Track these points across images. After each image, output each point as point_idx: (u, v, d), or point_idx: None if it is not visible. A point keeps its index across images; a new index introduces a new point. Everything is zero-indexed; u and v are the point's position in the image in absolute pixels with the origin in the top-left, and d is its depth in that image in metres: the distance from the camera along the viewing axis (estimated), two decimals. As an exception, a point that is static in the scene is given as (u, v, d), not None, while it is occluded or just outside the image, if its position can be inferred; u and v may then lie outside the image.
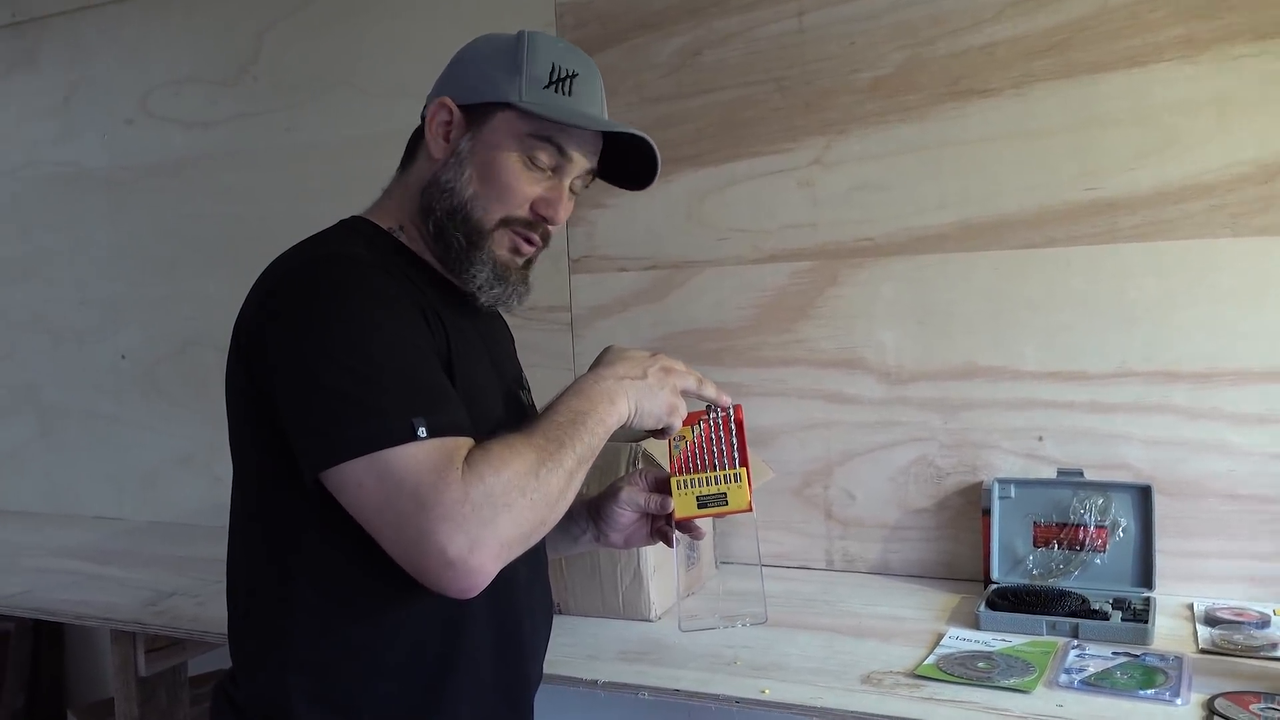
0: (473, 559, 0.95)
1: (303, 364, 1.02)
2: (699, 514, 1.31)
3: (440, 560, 0.95)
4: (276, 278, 1.10)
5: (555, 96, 1.15)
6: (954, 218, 1.77)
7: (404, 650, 1.09)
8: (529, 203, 1.16)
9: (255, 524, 1.13)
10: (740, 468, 1.31)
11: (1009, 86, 1.72)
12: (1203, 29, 1.60)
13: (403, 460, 0.96)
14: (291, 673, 1.08)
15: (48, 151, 2.71)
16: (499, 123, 1.15)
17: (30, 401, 2.79)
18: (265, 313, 1.07)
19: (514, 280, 1.19)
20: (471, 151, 1.16)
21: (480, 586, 0.98)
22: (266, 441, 1.07)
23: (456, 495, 0.95)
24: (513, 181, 1.15)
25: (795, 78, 1.87)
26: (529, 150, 1.15)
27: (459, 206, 1.15)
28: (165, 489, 2.60)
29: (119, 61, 2.59)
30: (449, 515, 0.95)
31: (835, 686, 1.34)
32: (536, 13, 2.07)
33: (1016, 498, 1.71)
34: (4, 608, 1.98)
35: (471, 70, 1.19)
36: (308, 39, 2.35)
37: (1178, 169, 1.62)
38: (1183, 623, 1.53)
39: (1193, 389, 1.63)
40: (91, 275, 2.67)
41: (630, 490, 1.34)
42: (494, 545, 0.96)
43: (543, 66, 1.15)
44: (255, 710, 1.11)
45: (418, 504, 0.95)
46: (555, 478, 1.03)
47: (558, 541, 1.42)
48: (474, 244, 1.16)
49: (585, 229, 2.06)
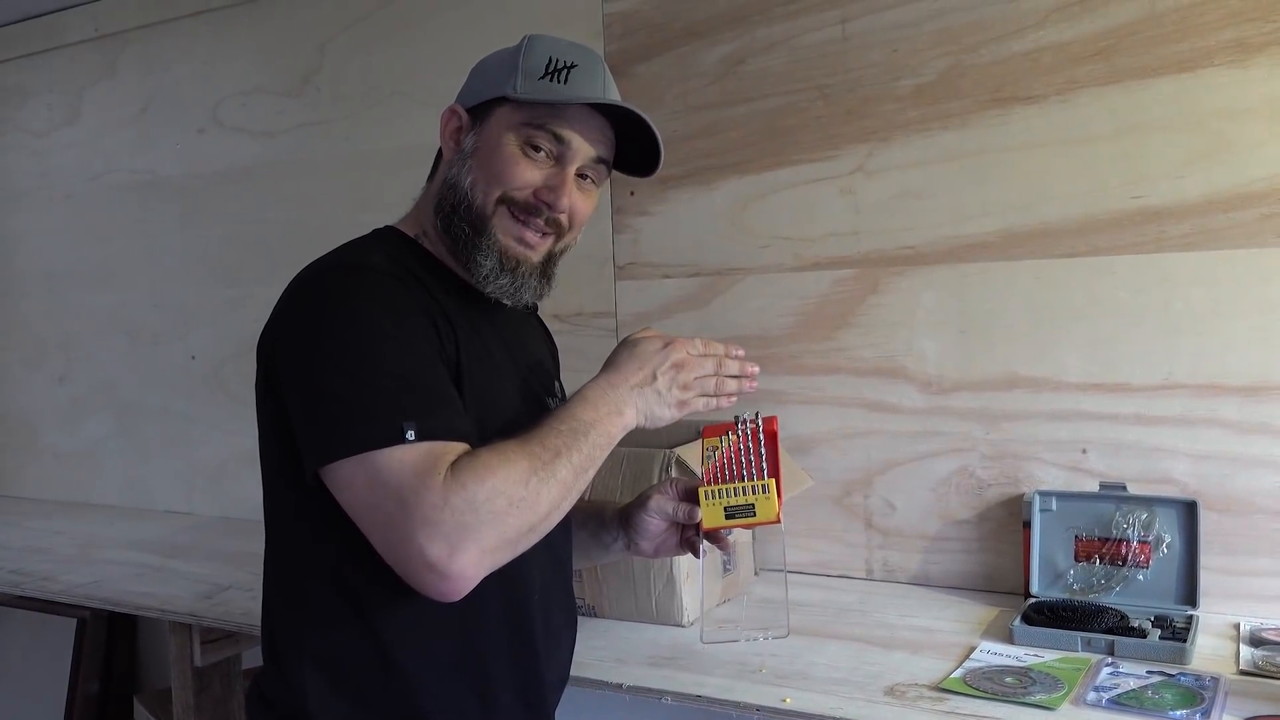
0: (453, 564, 0.97)
1: (307, 367, 1.06)
2: (726, 525, 1.32)
3: (421, 563, 0.98)
4: (292, 288, 1.14)
5: (550, 85, 1.17)
6: (996, 226, 1.75)
7: (414, 648, 1.12)
8: (530, 188, 1.18)
9: (276, 523, 1.19)
10: (769, 479, 1.31)
11: (1053, 93, 1.69)
12: (1254, 33, 1.56)
13: (389, 462, 1.00)
14: (309, 667, 1.12)
15: (125, 160, 2.83)
16: (498, 116, 1.19)
17: (109, 400, 2.92)
18: (279, 321, 1.12)
19: (524, 272, 1.20)
20: (474, 147, 1.20)
21: (462, 591, 1.00)
22: (282, 444, 1.12)
23: (435, 500, 0.98)
24: (509, 165, 1.17)
25: (838, 85, 1.86)
26: (526, 138, 1.17)
27: (461, 197, 1.19)
28: (231, 485, 2.69)
29: (192, 73, 2.70)
30: (428, 520, 0.97)
31: (857, 697, 1.34)
32: (584, 23, 2.10)
33: (1058, 511, 1.68)
34: (74, 597, 2.08)
35: (477, 77, 1.25)
36: (366, 51, 2.42)
37: (1227, 176, 1.58)
38: (1226, 643, 1.49)
39: (1241, 402, 1.59)
40: (164, 279, 2.78)
41: (659, 498, 1.36)
42: (474, 551, 0.98)
43: (539, 60, 1.18)
44: (280, 702, 1.16)
45: (400, 506, 0.98)
46: (547, 488, 1.04)
47: (590, 549, 1.44)
48: (478, 230, 1.18)
49: (630, 236, 2.09)
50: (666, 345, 1.20)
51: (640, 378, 1.17)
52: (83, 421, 2.98)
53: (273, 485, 1.17)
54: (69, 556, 2.35)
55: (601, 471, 1.63)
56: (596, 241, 2.08)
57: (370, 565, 1.07)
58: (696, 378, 1.21)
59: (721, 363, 1.24)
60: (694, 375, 1.21)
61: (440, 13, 2.31)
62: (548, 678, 1.26)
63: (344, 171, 2.46)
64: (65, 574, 2.18)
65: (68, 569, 2.22)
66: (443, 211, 1.20)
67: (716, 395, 1.24)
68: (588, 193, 1.23)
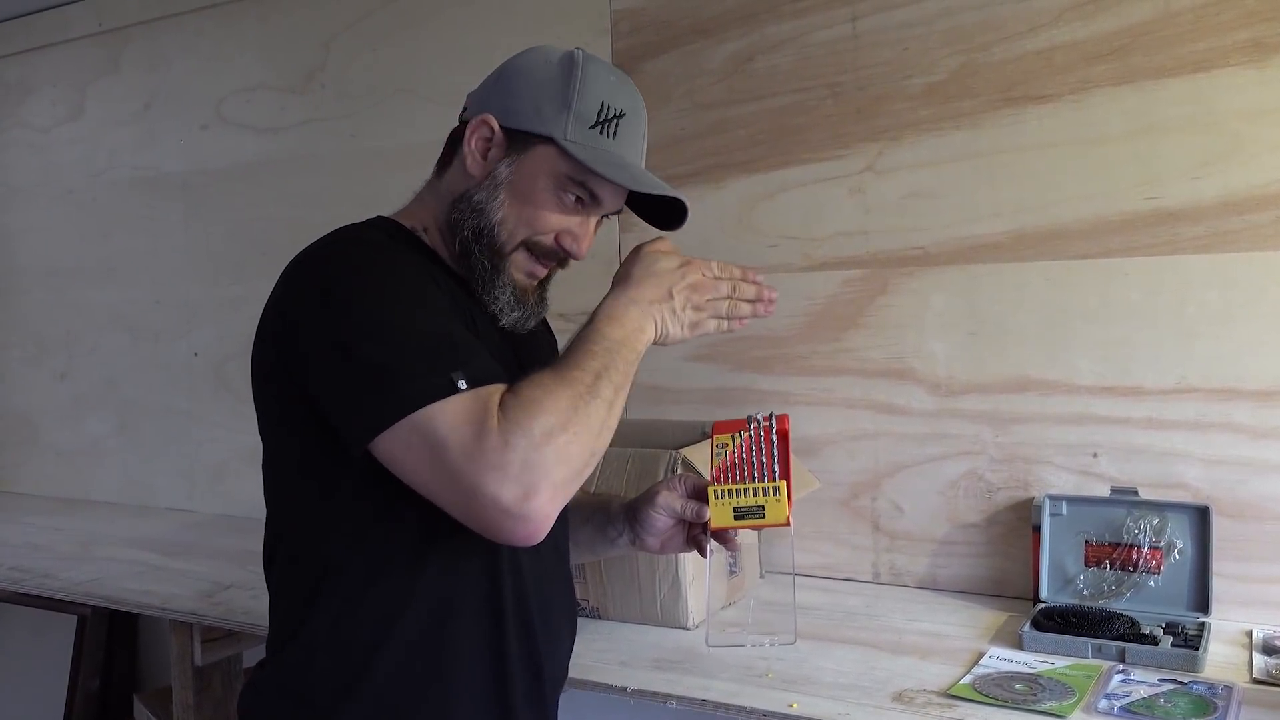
0: (529, 505, 0.97)
1: (333, 342, 1.04)
2: (735, 525, 1.31)
3: (497, 511, 0.97)
4: (299, 264, 1.13)
5: (599, 138, 1.15)
6: (1008, 227, 1.73)
7: (414, 633, 1.11)
8: (554, 233, 1.18)
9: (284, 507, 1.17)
10: (780, 481, 1.29)
11: (1067, 93, 1.67)
12: (1271, 33, 1.54)
13: (443, 416, 0.98)
14: (314, 651, 1.11)
15: (128, 156, 2.82)
16: (539, 156, 1.16)
17: (110, 397, 2.91)
18: (289, 297, 1.10)
19: (531, 303, 1.21)
20: (509, 179, 1.17)
21: (544, 530, 0.99)
22: (293, 426, 1.10)
23: (497, 443, 0.97)
24: (543, 212, 1.17)
25: (848, 84, 1.85)
26: (563, 188, 1.17)
27: (485, 229, 1.17)
28: (232, 483, 2.68)
29: (196, 69, 2.68)
30: (494, 465, 0.96)
31: (865, 703, 1.32)
32: (591, 20, 2.08)
33: (1068, 515, 1.66)
34: (75, 594, 2.06)
35: (521, 91, 1.18)
36: (371, 48, 2.40)
37: (1243, 178, 1.56)
38: (1239, 650, 1.47)
39: (1255, 407, 1.57)
40: (167, 276, 2.77)
41: (668, 495, 1.34)
42: (546, 488, 0.98)
43: (591, 103, 1.15)
44: (278, 690, 1.14)
45: (464, 458, 0.97)
46: (595, 409, 1.03)
47: (595, 543, 1.43)
48: (496, 267, 1.18)
49: (637, 235, 2.05)
50: (683, 265, 1.20)
51: (657, 294, 1.16)
52: (84, 419, 2.96)
53: (282, 470, 1.16)
54: (69, 554, 2.34)
55: (606, 471, 1.64)
56: (602, 240, 2.02)
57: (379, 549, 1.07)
58: (710, 299, 1.20)
59: (736, 286, 1.22)
60: (708, 297, 1.20)
61: (445, 10, 2.29)
62: (546, 670, 1.24)
63: (348, 168, 2.45)
64: (66, 571, 2.17)
65: (68, 566, 2.21)
66: (461, 231, 1.18)
67: (729, 319, 1.22)
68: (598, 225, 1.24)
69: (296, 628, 1.13)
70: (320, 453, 1.09)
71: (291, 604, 1.15)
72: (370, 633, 1.10)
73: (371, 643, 1.10)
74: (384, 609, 1.10)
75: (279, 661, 1.16)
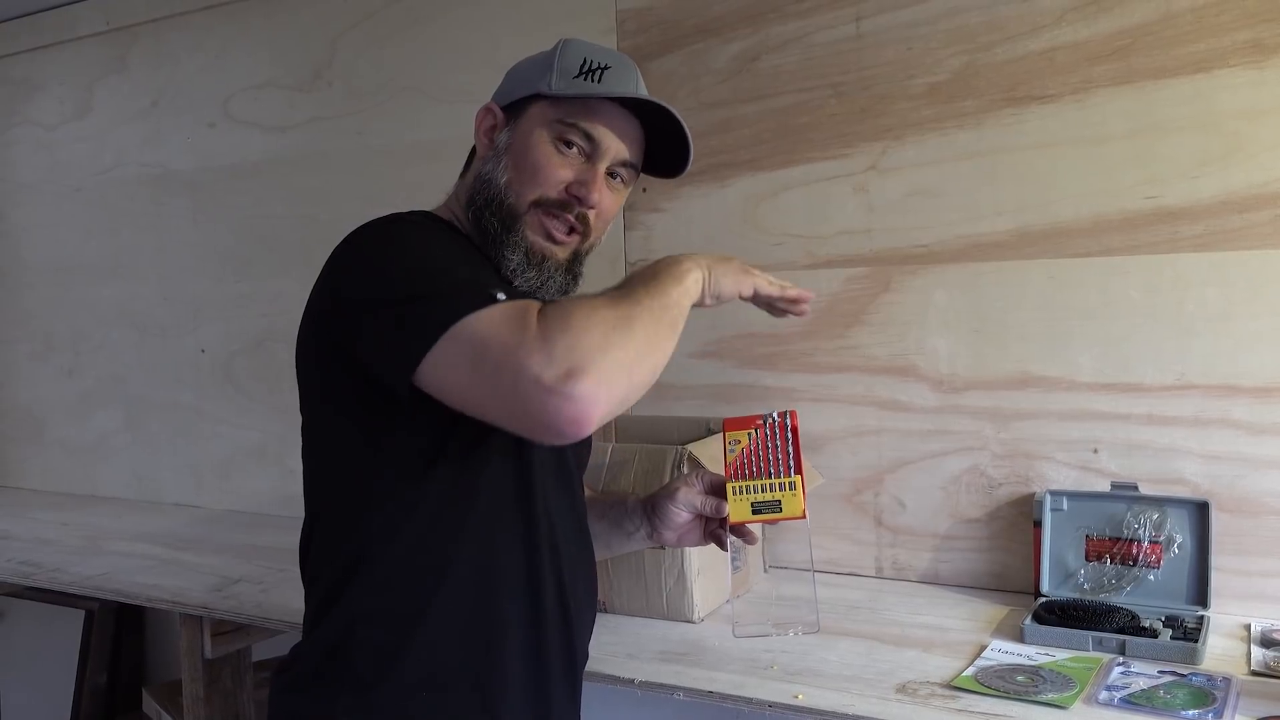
0: (573, 384, 0.95)
1: (376, 295, 1.07)
2: (753, 519, 1.36)
3: (540, 391, 0.95)
4: (344, 244, 1.17)
5: (584, 84, 1.20)
6: (1010, 225, 1.75)
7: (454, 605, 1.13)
8: (562, 185, 1.20)
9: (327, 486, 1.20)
10: (795, 475, 1.35)
11: (1068, 93, 1.69)
12: (1271, 34, 1.55)
13: (486, 318, 1.00)
14: (353, 624, 1.13)
15: (136, 154, 2.83)
16: (532, 113, 1.22)
17: (118, 393, 2.92)
18: (335, 272, 1.15)
19: (550, 267, 1.21)
20: (508, 143, 1.22)
21: (592, 415, 0.96)
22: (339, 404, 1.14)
23: (537, 334, 0.97)
24: (543, 163, 1.19)
25: (851, 83, 1.86)
26: (559, 134, 1.20)
27: (495, 194, 1.21)
28: (240, 479, 2.70)
29: (203, 67, 2.70)
30: (536, 349, 0.96)
31: (869, 695, 1.34)
32: (597, 19, 2.10)
33: (1069, 510, 1.68)
34: (85, 588, 2.09)
35: (512, 78, 1.27)
36: (378, 46, 2.42)
37: (1242, 177, 1.58)
38: (1237, 643, 1.49)
39: (1254, 403, 1.59)
40: (175, 272, 2.79)
41: (687, 491, 1.39)
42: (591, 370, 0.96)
43: (573, 60, 1.21)
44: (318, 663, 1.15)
45: (505, 350, 0.97)
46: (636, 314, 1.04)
47: (611, 538, 1.46)
48: (508, 228, 1.20)
49: (642, 233, 2.09)
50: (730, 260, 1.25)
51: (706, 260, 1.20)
52: (91, 414, 2.98)
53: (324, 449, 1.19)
54: (78, 548, 2.36)
55: (613, 468, 1.66)
56: (609, 238, 2.04)
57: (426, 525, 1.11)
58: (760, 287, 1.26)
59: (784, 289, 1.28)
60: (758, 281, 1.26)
61: (452, 9, 2.31)
62: (579, 649, 1.28)
63: (355, 166, 2.47)
64: (76, 565, 2.19)
65: (78, 560, 2.23)
66: (475, 205, 1.22)
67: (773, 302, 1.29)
68: (616, 191, 1.25)
69: (334, 602, 1.15)
70: (364, 428, 1.12)
71: (330, 582, 1.16)
72: (410, 605, 1.12)
73: (411, 615, 1.12)
74: (423, 583, 1.12)
75: (315, 638, 1.17)
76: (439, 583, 1.13)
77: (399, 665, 1.12)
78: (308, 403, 1.20)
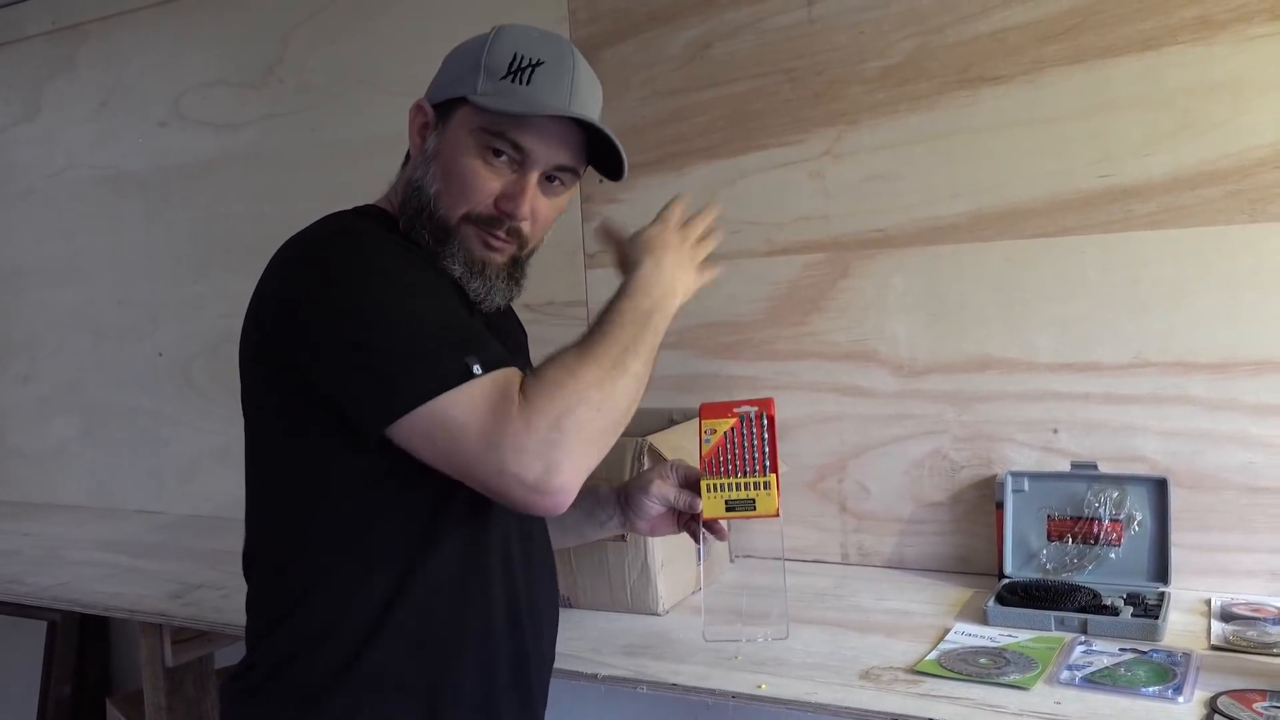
0: (552, 480, 1.00)
1: (344, 329, 1.04)
2: (726, 517, 1.37)
3: (523, 488, 1.00)
4: (298, 249, 1.12)
5: (511, 87, 1.13)
6: (966, 207, 1.75)
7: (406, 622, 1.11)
8: (491, 198, 1.15)
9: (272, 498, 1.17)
10: (770, 475, 1.35)
11: (1020, 73, 1.69)
12: (1218, 9, 1.56)
13: (463, 402, 1.00)
14: (302, 641, 1.11)
15: (87, 155, 2.78)
16: (459, 119, 1.16)
17: (75, 399, 2.88)
18: (293, 284, 1.10)
19: (492, 276, 1.18)
20: (436, 150, 1.17)
21: (569, 499, 1.02)
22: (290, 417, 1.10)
23: (519, 427, 0.99)
24: (471, 178, 1.15)
25: (805, 69, 1.86)
26: (485, 143, 1.14)
27: (424, 204, 1.17)
28: (202, 483, 2.66)
29: (153, 66, 2.66)
30: (516, 447, 0.99)
31: (833, 682, 1.33)
32: (550, 9, 2.08)
33: (1030, 491, 1.68)
34: (42, 599, 2.04)
35: (445, 69, 1.21)
36: (330, 41, 2.39)
37: (1193, 154, 1.59)
38: (1198, 618, 1.49)
39: (1210, 379, 1.60)
40: (130, 275, 2.74)
41: (661, 485, 1.38)
42: (567, 464, 1.00)
43: (502, 56, 1.14)
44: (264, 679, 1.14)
45: (485, 442, 1.00)
46: (622, 385, 1.06)
47: (582, 526, 1.46)
48: (441, 240, 1.16)
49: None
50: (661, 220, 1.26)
51: (674, 251, 1.21)
52: (49, 421, 2.93)
53: (270, 459, 1.15)
54: (38, 558, 2.31)
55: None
56: (566, 230, 2.06)
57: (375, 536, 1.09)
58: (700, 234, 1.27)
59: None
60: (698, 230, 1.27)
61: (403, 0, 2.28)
62: (532, 653, 1.26)
63: (310, 163, 2.43)
64: (33, 576, 2.15)
65: (36, 571, 2.19)
66: (407, 213, 1.18)
67: None
68: (555, 195, 1.21)
69: (283, 617, 1.12)
70: (315, 441, 1.09)
71: (277, 596, 1.14)
72: (361, 620, 1.10)
73: (363, 630, 1.10)
74: (374, 598, 1.10)
75: (265, 649, 1.15)
76: (391, 598, 1.10)
77: (348, 677, 1.10)
78: (253, 412, 1.17)
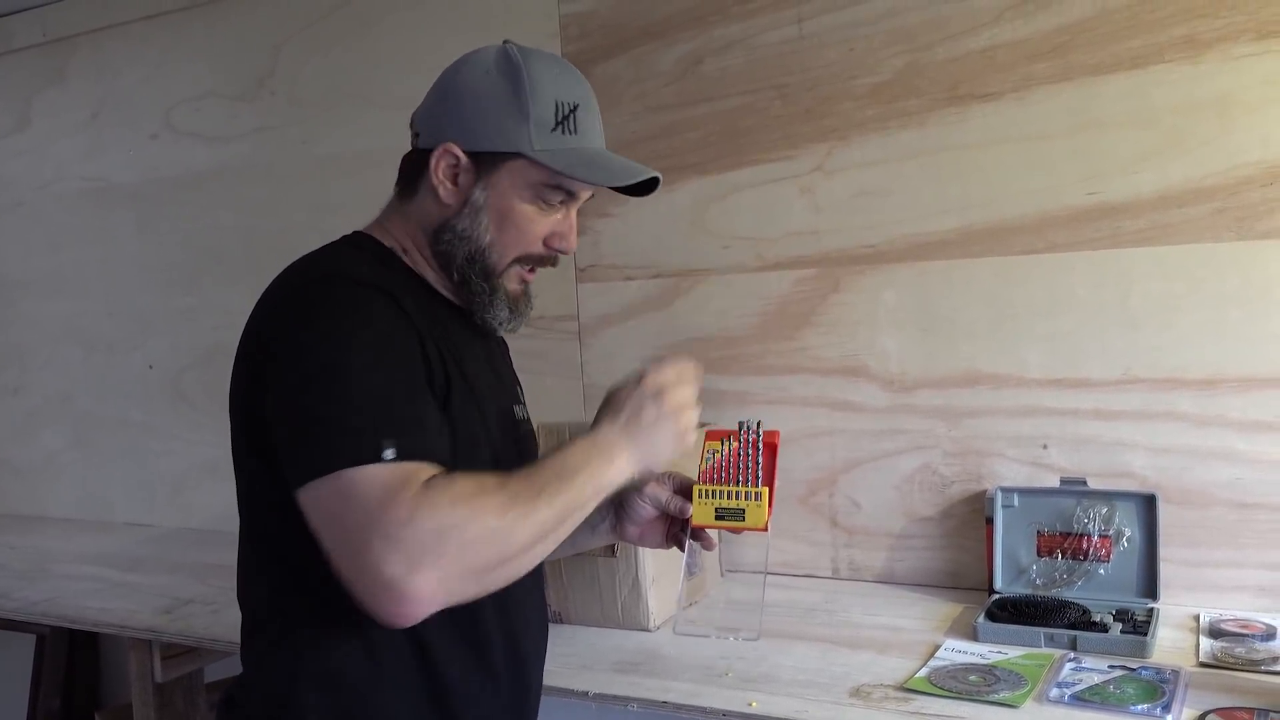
0: (409, 584, 0.92)
1: (292, 385, 1.04)
2: (714, 525, 1.35)
3: (375, 578, 0.93)
4: (282, 295, 1.12)
5: (563, 139, 1.16)
6: (955, 223, 1.76)
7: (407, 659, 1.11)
8: (541, 239, 1.20)
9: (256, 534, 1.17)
10: (763, 488, 1.35)
11: (1009, 90, 1.70)
12: (1204, 29, 1.57)
13: (362, 478, 0.97)
14: (299, 680, 1.10)
15: (76, 167, 2.78)
16: (511, 172, 1.16)
17: (65, 411, 2.87)
18: (271, 329, 1.10)
19: (523, 305, 1.24)
20: (486, 201, 1.17)
21: (417, 616, 0.95)
22: (260, 454, 1.09)
23: (401, 516, 0.94)
24: (527, 226, 1.19)
25: (796, 85, 1.86)
26: (543, 195, 1.18)
27: (477, 253, 1.18)
28: (192, 496, 2.65)
29: (143, 78, 2.65)
30: (389, 535, 0.93)
31: (823, 699, 1.34)
32: (540, 23, 2.08)
33: (1020, 506, 1.69)
34: (31, 614, 2.04)
35: (474, 113, 1.17)
36: (321, 54, 2.39)
37: (1180, 171, 1.60)
38: (1187, 634, 1.50)
39: (1198, 395, 1.60)
40: (120, 287, 2.74)
41: (655, 487, 1.37)
42: (433, 575, 0.93)
43: (547, 106, 1.16)
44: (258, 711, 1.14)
45: (365, 519, 0.94)
46: (524, 525, 1.01)
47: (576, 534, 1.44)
48: (494, 288, 1.20)
49: (591, 238, 2.07)
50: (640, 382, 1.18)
51: (625, 418, 1.15)
52: (38, 434, 2.92)
53: (254, 487, 1.15)
54: (26, 571, 2.31)
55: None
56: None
57: None
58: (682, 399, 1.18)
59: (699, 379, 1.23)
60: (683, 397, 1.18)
61: (395, 13, 2.28)
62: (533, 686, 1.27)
63: (301, 176, 2.43)
64: (22, 590, 2.14)
65: (24, 585, 2.18)
66: (455, 260, 1.19)
67: None
68: None
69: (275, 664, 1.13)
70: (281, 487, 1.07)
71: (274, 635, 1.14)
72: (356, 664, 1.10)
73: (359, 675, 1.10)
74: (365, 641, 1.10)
75: (258, 684, 1.15)
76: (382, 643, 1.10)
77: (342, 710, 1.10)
78: (238, 437, 1.16)
